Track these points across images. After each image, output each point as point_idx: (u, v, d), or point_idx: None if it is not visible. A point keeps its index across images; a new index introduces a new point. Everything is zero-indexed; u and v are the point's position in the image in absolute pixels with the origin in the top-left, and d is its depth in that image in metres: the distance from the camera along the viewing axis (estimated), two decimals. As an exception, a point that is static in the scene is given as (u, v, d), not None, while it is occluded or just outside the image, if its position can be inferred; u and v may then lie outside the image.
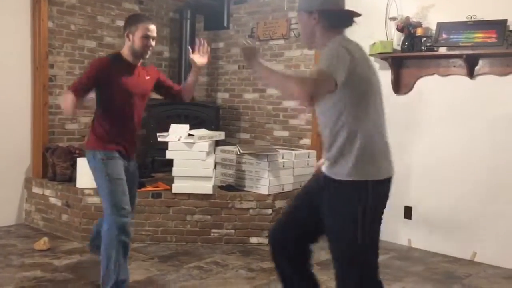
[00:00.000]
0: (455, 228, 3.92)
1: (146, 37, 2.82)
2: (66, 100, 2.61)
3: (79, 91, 2.69)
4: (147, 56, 2.90)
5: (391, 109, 4.30)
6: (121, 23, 5.11)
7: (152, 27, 2.87)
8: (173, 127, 4.00)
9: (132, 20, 2.91)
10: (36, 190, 4.46)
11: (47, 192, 4.34)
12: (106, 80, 2.78)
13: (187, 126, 4.03)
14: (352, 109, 1.99)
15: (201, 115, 5.12)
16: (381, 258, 3.01)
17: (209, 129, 4.43)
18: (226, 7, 5.32)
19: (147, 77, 2.97)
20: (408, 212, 4.19)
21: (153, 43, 2.87)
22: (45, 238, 3.84)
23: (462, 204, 3.88)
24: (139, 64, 2.94)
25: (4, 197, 4.41)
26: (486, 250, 3.76)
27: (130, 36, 2.85)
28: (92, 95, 2.81)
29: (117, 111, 2.85)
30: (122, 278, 2.76)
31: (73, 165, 4.28)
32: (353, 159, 1.99)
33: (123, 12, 5.12)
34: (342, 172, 2.02)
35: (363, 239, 2.05)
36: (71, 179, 4.28)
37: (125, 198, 2.81)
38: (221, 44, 5.57)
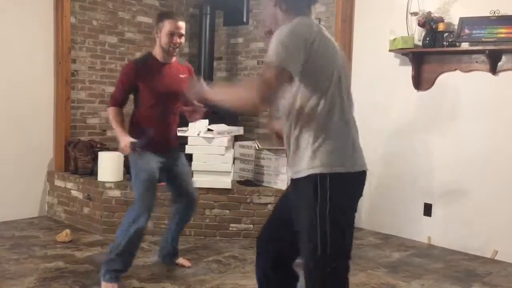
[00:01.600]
0: (475, 226, 3.87)
1: (172, 34, 2.82)
2: (123, 140, 2.75)
3: (117, 100, 2.83)
4: (175, 54, 2.86)
5: (412, 106, 4.30)
6: (141, 18, 5.17)
7: (179, 24, 2.84)
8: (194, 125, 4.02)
9: (160, 17, 2.90)
10: (58, 183, 4.54)
11: (69, 185, 4.42)
12: (134, 83, 2.84)
13: (207, 121, 4.05)
14: (311, 94, 1.76)
15: (220, 110, 5.12)
16: (401, 255, 3.01)
17: (228, 124, 4.44)
18: (246, 2, 5.34)
19: (182, 76, 2.93)
20: (428, 209, 4.15)
21: (180, 40, 2.85)
22: (67, 230, 3.91)
23: (483, 202, 3.83)
24: (172, 61, 2.91)
25: (27, 190, 4.50)
26: (507, 248, 3.71)
27: (158, 33, 2.85)
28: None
29: (150, 111, 2.88)
30: (119, 268, 2.84)
31: (95, 159, 4.34)
32: (310, 151, 1.76)
33: (143, 8, 5.16)
34: (300, 167, 1.79)
35: (323, 249, 1.72)
36: (93, 172, 4.34)
37: (151, 196, 2.89)
38: (240, 40, 5.58)
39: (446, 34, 3.91)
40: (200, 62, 5.31)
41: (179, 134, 4.00)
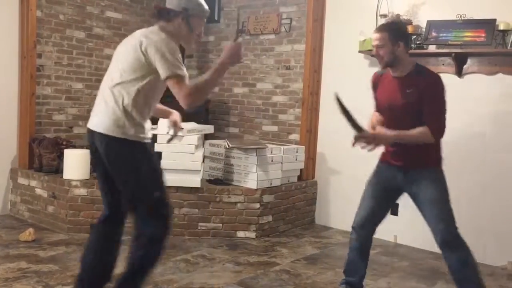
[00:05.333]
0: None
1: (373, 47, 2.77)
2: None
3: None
4: (382, 66, 2.73)
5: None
6: (110, 14, 5.08)
7: (375, 35, 2.74)
8: (162, 120, 3.98)
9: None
10: (21, 181, 4.41)
11: (33, 183, 4.30)
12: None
13: (176, 119, 4.01)
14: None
15: (190, 109, 5.09)
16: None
17: (198, 122, 4.42)
18: (217, 0, 5.30)
19: (409, 90, 2.69)
20: (394, 209, 4.22)
21: (379, 52, 2.70)
22: (31, 229, 3.81)
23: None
24: (399, 75, 2.74)
25: (-11, 188, 4.37)
26: (470, 247, 3.79)
27: None
28: None
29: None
30: None
31: (60, 156, 4.24)
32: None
33: (113, 3, 5.08)
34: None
35: None
36: (58, 170, 4.25)
37: None
38: (211, 38, 5.55)
39: (414, 36, 3.98)
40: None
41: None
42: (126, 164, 2.37)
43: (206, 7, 2.55)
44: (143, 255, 2.40)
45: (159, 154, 3.97)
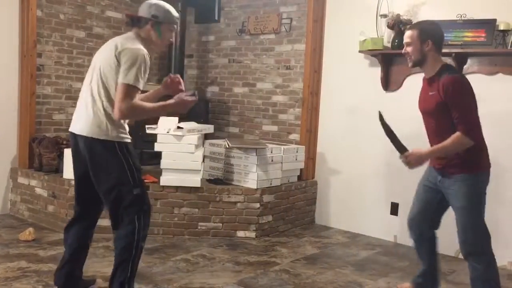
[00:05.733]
0: (440, 225, 3.94)
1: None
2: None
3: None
4: (410, 65, 2.71)
5: (380, 106, 4.35)
6: (111, 13, 5.09)
7: (406, 33, 2.72)
8: (162, 120, 3.98)
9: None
10: (21, 180, 4.41)
11: (33, 182, 4.30)
12: None
13: (176, 118, 4.02)
14: None
15: (191, 108, 5.09)
16: (368, 253, 3.07)
17: (198, 122, 4.42)
18: (217, 0, 5.30)
19: (431, 93, 2.66)
20: (394, 209, 4.23)
21: (408, 49, 2.68)
22: (30, 229, 3.81)
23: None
24: (430, 75, 2.69)
25: (-11, 187, 4.37)
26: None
27: None
28: None
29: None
30: None
31: (60, 156, 4.24)
32: None
33: (113, 2, 5.08)
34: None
35: None
36: (58, 170, 4.25)
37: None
38: (211, 38, 5.55)
39: (414, 36, 3.97)
40: (171, 59, 5.24)
41: (148, 131, 3.98)
42: (108, 163, 2.51)
43: (176, 14, 2.65)
44: (123, 247, 2.56)
45: (159, 154, 3.98)
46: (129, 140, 2.60)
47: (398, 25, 3.98)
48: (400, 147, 2.75)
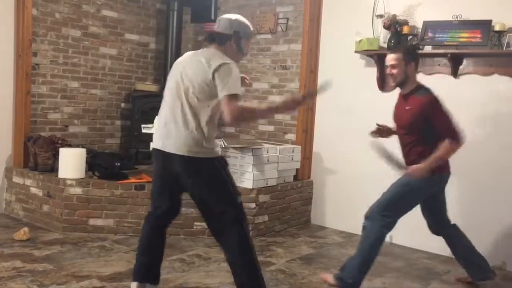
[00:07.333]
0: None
1: (386, 67, 3.00)
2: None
3: None
4: (393, 84, 3.01)
5: (376, 106, 4.37)
6: (106, 12, 5.07)
7: (389, 56, 2.99)
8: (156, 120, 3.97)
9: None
10: (16, 179, 4.39)
11: (28, 182, 4.29)
12: None
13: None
14: None
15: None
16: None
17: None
18: (214, 0, 5.29)
19: (407, 107, 2.98)
20: (390, 209, 4.22)
21: (393, 71, 2.95)
22: (25, 228, 3.79)
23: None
24: (406, 92, 3.01)
25: (-17, 186, 4.35)
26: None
27: None
28: None
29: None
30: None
31: (55, 155, 4.23)
32: None
33: (109, 1, 5.06)
34: None
35: None
36: (53, 169, 4.23)
37: None
38: (208, 37, 5.53)
39: (410, 37, 3.99)
40: (167, 59, 5.23)
41: (143, 131, 3.98)
42: (212, 179, 2.56)
43: (252, 28, 2.73)
44: (239, 252, 2.60)
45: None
46: (219, 153, 2.70)
47: (394, 26, 3.99)
48: (400, 166, 2.99)
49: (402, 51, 2.97)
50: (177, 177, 2.57)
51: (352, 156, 4.47)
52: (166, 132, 2.55)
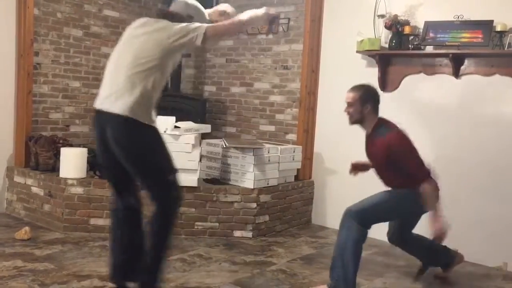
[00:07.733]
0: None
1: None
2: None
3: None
4: (351, 122, 3.03)
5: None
6: (108, 12, 5.08)
7: (347, 93, 3.02)
8: (159, 119, 3.97)
9: None
10: (18, 179, 4.40)
11: (30, 181, 4.29)
12: None
13: (173, 118, 4.01)
14: None
15: (188, 108, 5.10)
16: (364, 253, 3.08)
17: (195, 122, 4.41)
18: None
19: (373, 148, 3.03)
20: (391, 209, 4.22)
21: (349, 109, 2.98)
22: (27, 228, 3.80)
23: (444, 202, 3.91)
24: (370, 132, 3.02)
25: (-15, 186, 4.36)
26: (466, 248, 3.81)
27: None
28: None
29: None
30: None
31: (57, 155, 4.23)
32: None
33: (110, 1, 5.06)
34: None
35: None
36: (54, 168, 4.23)
37: None
38: (209, 37, 5.53)
39: (412, 37, 3.98)
40: (168, 59, 5.23)
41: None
42: (145, 145, 2.57)
43: (208, 18, 2.75)
44: (157, 229, 2.60)
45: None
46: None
47: (395, 26, 3.98)
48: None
49: (361, 91, 2.97)
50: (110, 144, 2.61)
51: (353, 157, 4.44)
52: (113, 93, 2.56)
